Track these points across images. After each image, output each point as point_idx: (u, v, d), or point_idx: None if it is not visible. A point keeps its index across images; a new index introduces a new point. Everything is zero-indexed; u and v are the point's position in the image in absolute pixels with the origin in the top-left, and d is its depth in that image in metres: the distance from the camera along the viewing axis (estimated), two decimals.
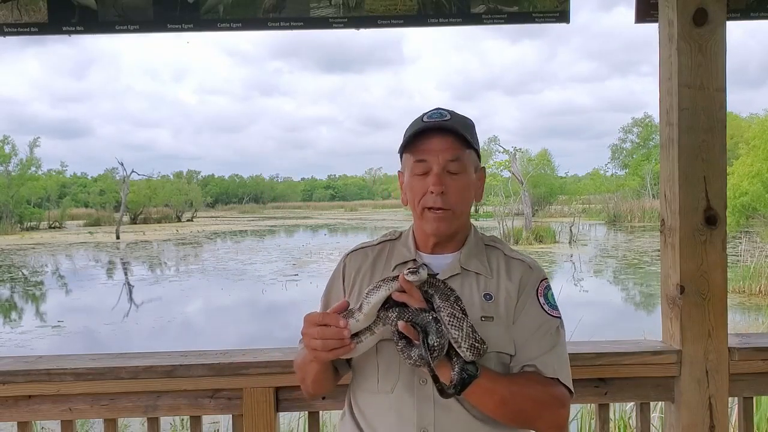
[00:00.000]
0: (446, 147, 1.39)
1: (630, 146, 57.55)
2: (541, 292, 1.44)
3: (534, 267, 1.47)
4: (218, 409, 1.96)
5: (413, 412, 1.37)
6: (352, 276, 1.51)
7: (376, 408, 1.41)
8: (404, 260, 1.47)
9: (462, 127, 1.40)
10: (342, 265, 1.54)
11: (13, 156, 42.98)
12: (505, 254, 1.49)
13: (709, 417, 1.97)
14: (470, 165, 1.43)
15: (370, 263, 1.51)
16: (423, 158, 1.40)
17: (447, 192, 1.39)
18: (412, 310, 1.26)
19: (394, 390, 1.39)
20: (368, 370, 1.43)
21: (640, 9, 2.21)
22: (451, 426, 1.36)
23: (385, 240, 1.55)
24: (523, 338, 1.39)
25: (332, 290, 1.53)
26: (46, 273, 19.57)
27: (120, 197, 41.66)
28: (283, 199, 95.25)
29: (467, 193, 1.43)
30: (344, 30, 2.19)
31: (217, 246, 28.01)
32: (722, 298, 1.97)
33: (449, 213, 1.40)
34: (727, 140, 1.97)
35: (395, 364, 1.39)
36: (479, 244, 1.49)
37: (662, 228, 2.04)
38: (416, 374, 1.38)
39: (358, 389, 1.47)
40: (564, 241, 25.31)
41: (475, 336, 1.25)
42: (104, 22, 2.16)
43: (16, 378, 1.91)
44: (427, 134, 1.39)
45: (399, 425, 1.37)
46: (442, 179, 1.38)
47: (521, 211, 28.38)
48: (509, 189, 32.95)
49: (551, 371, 1.38)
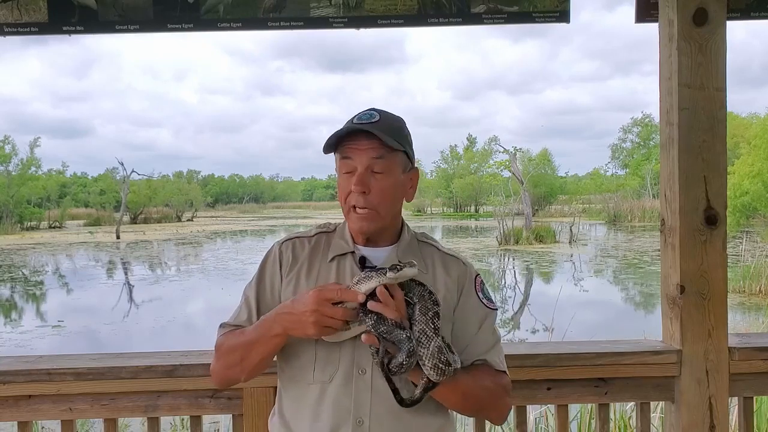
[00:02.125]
0: (371, 147, 1.40)
1: (630, 146, 57.59)
2: (478, 288, 1.51)
3: (467, 264, 1.53)
4: (218, 409, 1.96)
5: (350, 402, 1.38)
6: (289, 263, 1.50)
7: (310, 399, 1.41)
8: (343, 252, 1.48)
9: (388, 130, 1.41)
10: (278, 252, 1.53)
11: (14, 156, 43.04)
12: (440, 250, 1.53)
13: (710, 417, 1.97)
14: (396, 165, 1.44)
15: (308, 254, 1.51)
16: (348, 156, 1.42)
17: (370, 192, 1.40)
18: (390, 322, 1.26)
19: (332, 380, 1.39)
20: (304, 360, 1.42)
21: (640, 9, 2.21)
22: (385, 415, 1.37)
23: (321, 232, 1.55)
24: (470, 334, 1.46)
25: (267, 275, 1.51)
26: (47, 273, 19.57)
27: (120, 197, 41.70)
28: (283, 198, 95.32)
29: (392, 192, 1.44)
30: (345, 30, 2.19)
31: (217, 246, 28.02)
32: (722, 298, 1.97)
33: (372, 213, 1.42)
34: (727, 140, 1.97)
35: (335, 353, 1.39)
36: (413, 240, 1.53)
37: (662, 228, 2.04)
38: (356, 364, 1.39)
39: (289, 382, 1.46)
40: (564, 241, 25.31)
41: (440, 357, 1.26)
42: (104, 21, 2.16)
43: (17, 378, 1.92)
44: (354, 134, 1.41)
45: (334, 416, 1.38)
46: (364, 179, 1.40)
47: (521, 210, 28.38)
48: (509, 189, 32.96)
49: (500, 364, 1.48)
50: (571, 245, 24.00)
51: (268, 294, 1.50)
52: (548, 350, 2.02)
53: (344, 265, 1.47)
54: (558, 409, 2.06)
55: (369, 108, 1.46)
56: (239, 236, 34.25)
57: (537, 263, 19.32)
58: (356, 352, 1.39)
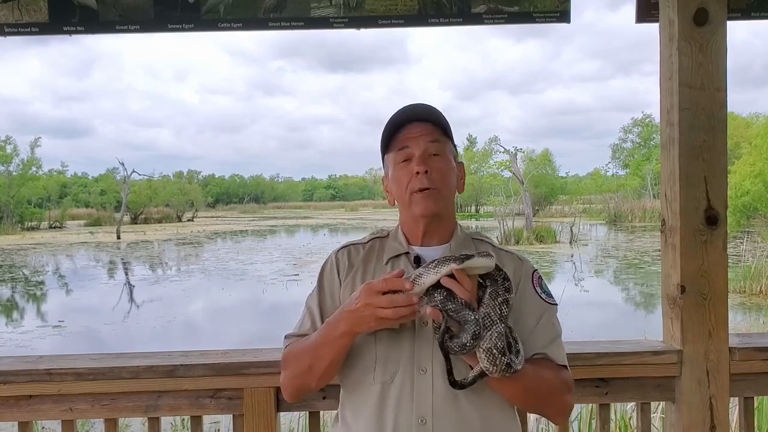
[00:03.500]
0: (425, 132, 1.43)
1: (630, 146, 57.58)
2: (536, 283, 1.48)
3: (524, 259, 1.52)
4: (219, 409, 1.96)
5: (412, 402, 1.36)
6: (345, 269, 1.51)
7: (373, 400, 1.40)
8: (397, 253, 1.48)
9: (436, 113, 1.45)
10: (335, 260, 1.54)
11: (15, 156, 43.04)
12: (495, 247, 1.52)
13: (710, 417, 1.97)
14: (449, 151, 1.47)
15: (362, 259, 1.51)
16: (405, 145, 1.44)
17: (431, 171, 1.41)
18: (459, 301, 1.25)
19: (394, 379, 1.38)
20: (366, 361, 1.41)
21: (641, 9, 2.21)
22: (449, 414, 1.36)
23: (375, 237, 1.56)
24: (528, 329, 1.42)
25: (326, 283, 1.52)
26: (47, 273, 19.58)
27: (121, 197, 41.70)
28: (283, 199, 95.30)
29: (451, 174, 1.46)
30: (345, 30, 2.19)
31: (217, 246, 28.02)
32: (723, 298, 1.97)
33: (436, 192, 1.42)
34: (727, 140, 1.97)
35: (395, 352, 1.39)
36: (467, 237, 1.52)
37: (663, 228, 2.04)
38: (416, 363, 1.38)
39: (351, 384, 1.45)
40: (565, 241, 25.31)
41: (496, 344, 1.23)
42: (105, 22, 2.16)
43: (17, 378, 1.92)
44: (404, 125, 1.44)
45: (396, 415, 1.37)
46: (425, 160, 1.41)
47: (522, 211, 28.38)
48: (510, 189, 32.96)
49: (561, 359, 1.44)
50: (572, 245, 24.00)
51: (328, 301, 1.50)
52: None
53: (399, 265, 1.46)
54: None
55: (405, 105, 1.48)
56: (240, 236, 34.24)
57: (537, 263, 19.25)
58: (416, 351, 1.38)
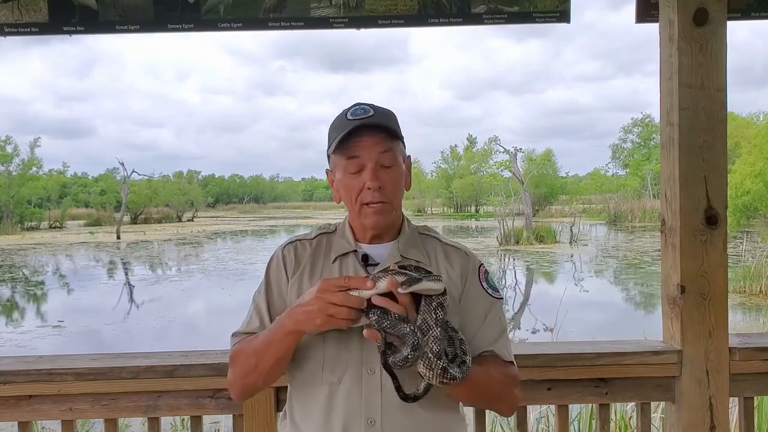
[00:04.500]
0: (377, 142, 1.40)
1: (630, 146, 57.59)
2: (482, 277, 1.48)
3: (470, 254, 1.52)
4: (219, 409, 1.96)
5: (361, 402, 1.37)
6: (292, 265, 1.50)
7: (321, 400, 1.39)
8: (344, 251, 1.48)
9: (387, 119, 1.43)
10: (281, 255, 1.52)
11: (15, 156, 43.04)
12: (441, 242, 1.52)
13: (710, 417, 1.97)
14: (399, 155, 1.45)
15: (310, 255, 1.50)
16: (355, 155, 1.41)
17: (383, 186, 1.40)
18: (394, 316, 1.25)
19: (341, 380, 1.38)
20: (313, 361, 1.41)
21: (641, 9, 2.21)
22: (398, 415, 1.36)
23: (322, 233, 1.55)
24: (475, 325, 1.44)
25: (273, 280, 1.50)
26: (47, 273, 19.58)
27: (121, 197, 41.69)
28: (283, 199, 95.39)
29: (401, 182, 1.45)
30: (346, 30, 2.19)
31: (217, 246, 28.03)
32: (723, 298, 1.97)
33: (387, 206, 1.42)
34: (727, 140, 1.97)
35: (343, 353, 1.38)
36: (414, 233, 1.52)
37: (663, 228, 2.04)
38: (364, 364, 1.38)
39: (299, 384, 1.45)
40: (565, 241, 25.31)
41: (431, 347, 1.23)
42: (105, 22, 2.16)
43: (17, 378, 1.92)
44: (356, 132, 1.40)
45: (345, 416, 1.37)
46: (378, 174, 1.40)
47: (522, 211, 28.37)
48: (510, 189, 32.95)
49: (508, 355, 1.46)
50: (572, 245, 24.00)
51: (276, 297, 1.50)
52: (549, 350, 2.02)
53: (347, 264, 1.47)
54: (558, 410, 2.06)
55: (355, 104, 1.45)
56: (240, 236, 34.24)
57: (537, 263, 19.31)
58: (364, 351, 1.38)
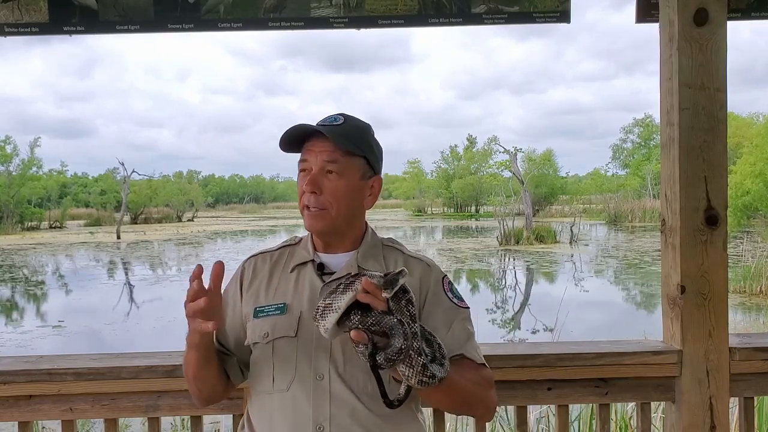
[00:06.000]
0: (325, 149, 1.41)
1: (631, 146, 57.64)
2: (447, 288, 1.48)
3: (432, 266, 1.51)
4: (219, 410, 1.96)
5: (309, 409, 1.37)
6: (248, 280, 1.52)
7: (272, 408, 1.41)
8: (303, 261, 1.49)
9: (347, 135, 1.41)
10: (241, 270, 1.55)
11: (15, 156, 43.03)
12: (404, 254, 1.52)
13: (710, 417, 1.97)
14: (353, 170, 1.43)
15: (269, 268, 1.52)
16: (304, 158, 1.44)
17: (323, 192, 1.41)
18: (376, 314, 1.22)
19: (290, 388, 1.40)
20: (264, 370, 1.44)
21: (641, 9, 2.21)
22: (347, 420, 1.37)
23: (286, 245, 1.57)
24: (440, 333, 1.40)
25: (230, 294, 1.53)
26: (47, 273, 19.59)
27: (121, 197, 41.71)
28: (283, 199, 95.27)
29: (345, 195, 1.42)
30: (346, 29, 2.19)
31: (217, 246, 28.03)
32: (723, 298, 1.97)
33: (324, 212, 1.42)
34: (727, 140, 1.97)
35: (292, 361, 1.40)
36: (377, 244, 1.52)
37: (663, 228, 2.04)
38: (312, 370, 1.39)
39: (254, 393, 1.48)
40: (565, 241, 25.30)
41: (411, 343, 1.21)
42: (105, 22, 2.16)
43: (17, 378, 1.91)
44: (313, 135, 1.42)
45: (294, 423, 1.38)
46: (317, 179, 1.41)
47: (522, 211, 28.36)
48: (510, 189, 32.97)
49: (479, 358, 1.44)
50: (572, 245, 23.99)
51: (230, 312, 1.52)
52: (549, 350, 2.02)
53: (304, 273, 1.48)
54: (559, 410, 2.06)
55: (338, 113, 1.47)
56: (240, 236, 34.24)
57: (538, 263, 19.31)
58: (313, 358, 1.39)
